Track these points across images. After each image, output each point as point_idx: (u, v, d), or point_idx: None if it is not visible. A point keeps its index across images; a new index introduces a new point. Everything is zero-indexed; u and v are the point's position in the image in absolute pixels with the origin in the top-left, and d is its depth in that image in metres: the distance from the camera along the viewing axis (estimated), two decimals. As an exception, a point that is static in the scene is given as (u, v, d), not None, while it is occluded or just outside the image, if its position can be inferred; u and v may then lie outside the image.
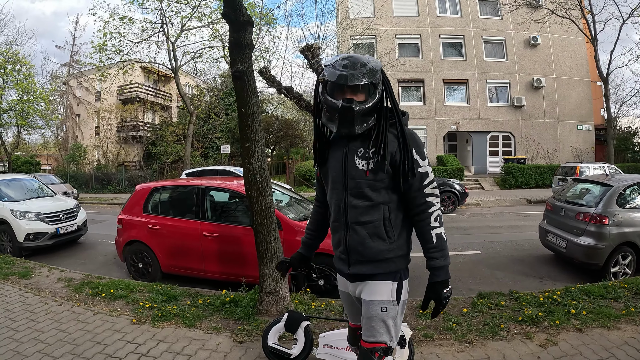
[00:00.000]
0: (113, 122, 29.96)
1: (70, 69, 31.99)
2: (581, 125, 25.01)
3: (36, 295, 5.05)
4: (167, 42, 18.33)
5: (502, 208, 14.46)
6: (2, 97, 21.21)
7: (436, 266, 1.90)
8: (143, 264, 6.12)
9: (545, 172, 20.22)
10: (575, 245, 5.76)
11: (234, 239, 5.44)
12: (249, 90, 3.91)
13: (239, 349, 3.50)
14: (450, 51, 24.87)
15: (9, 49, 21.22)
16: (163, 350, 3.50)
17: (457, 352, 3.33)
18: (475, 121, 24.38)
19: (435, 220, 1.90)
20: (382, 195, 1.92)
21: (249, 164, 3.96)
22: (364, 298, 2.00)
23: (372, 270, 1.96)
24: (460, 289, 5.55)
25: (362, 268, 1.98)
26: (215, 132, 27.51)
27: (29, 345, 3.65)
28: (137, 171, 27.33)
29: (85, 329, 3.99)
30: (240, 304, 4.35)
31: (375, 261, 1.95)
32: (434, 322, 3.88)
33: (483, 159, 24.76)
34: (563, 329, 3.62)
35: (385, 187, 1.92)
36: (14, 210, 8.14)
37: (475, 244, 8.29)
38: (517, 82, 24.45)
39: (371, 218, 1.93)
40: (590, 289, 4.51)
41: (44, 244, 8.18)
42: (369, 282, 1.99)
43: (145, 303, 4.54)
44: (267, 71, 12.12)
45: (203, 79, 24.80)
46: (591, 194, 6.23)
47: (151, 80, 32.11)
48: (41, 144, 36.90)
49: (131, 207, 6.36)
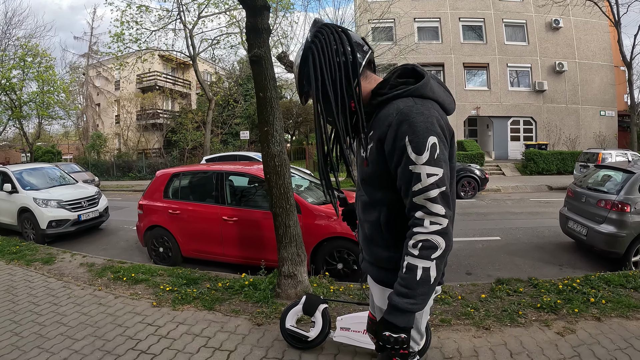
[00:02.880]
0: (133, 110, 30.38)
1: (89, 59, 32.44)
2: (604, 111, 24.29)
3: (59, 280, 5.19)
4: (184, 29, 18.39)
5: (523, 194, 14.22)
6: (23, 89, 21.61)
7: (390, 299, 1.39)
8: (164, 249, 6.24)
9: (566, 159, 19.76)
10: (596, 233, 5.63)
11: (253, 223, 5.49)
12: (266, 75, 3.92)
13: (257, 331, 3.55)
14: (471, 35, 24.35)
15: (28, 42, 21.50)
16: (182, 332, 3.58)
17: (474, 337, 3.31)
18: (496, 106, 23.93)
19: (414, 246, 1.35)
20: (378, 192, 1.52)
21: (267, 147, 3.98)
22: (375, 303, 1.72)
23: (377, 275, 1.64)
24: (479, 275, 5.55)
25: (367, 268, 1.70)
26: (234, 118, 27.63)
27: (51, 328, 3.76)
28: (157, 158, 27.74)
29: (106, 312, 4.10)
30: (259, 287, 4.41)
31: (378, 267, 1.62)
32: (452, 307, 3.87)
33: (504, 145, 24.34)
34: (581, 318, 3.56)
35: (382, 183, 1.49)
36: (37, 198, 8.35)
37: (495, 230, 8.20)
38: (539, 66, 23.83)
39: (370, 217, 1.59)
40: (610, 278, 4.42)
41: (67, 231, 8.38)
42: (377, 286, 1.66)
43: (165, 286, 4.64)
44: (285, 56, 12.15)
45: (221, 65, 24.84)
46: (613, 181, 6.06)
47: (170, 68, 32.31)
48: (62, 134, 37.60)
49: (152, 193, 6.46)
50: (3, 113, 22.12)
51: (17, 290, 4.82)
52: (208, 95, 20.42)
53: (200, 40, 19.69)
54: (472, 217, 9.79)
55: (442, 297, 4.09)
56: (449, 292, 4.23)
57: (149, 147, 30.40)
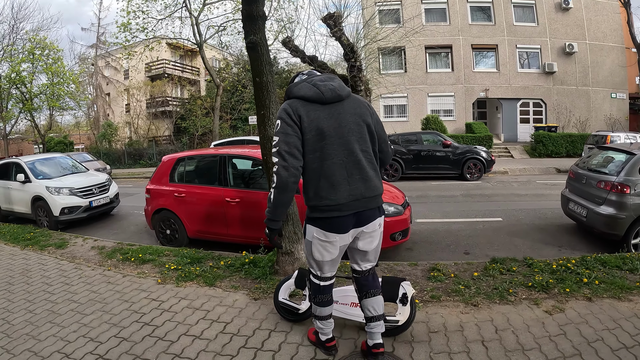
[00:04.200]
0: (142, 98, 30.67)
1: (97, 49, 32.77)
2: (615, 94, 23.87)
3: (71, 262, 5.42)
4: (190, 17, 18.42)
5: (530, 176, 14.19)
6: (33, 82, 21.91)
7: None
8: (171, 231, 6.44)
9: (576, 141, 19.51)
10: (596, 215, 5.59)
11: (255, 203, 5.64)
12: (262, 60, 4.03)
13: (254, 305, 3.72)
14: (479, 16, 23.99)
15: (36, 35, 21.75)
16: (184, 306, 3.77)
17: (462, 313, 3.37)
18: (505, 88, 23.67)
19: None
20: None
21: (264, 130, 4.12)
22: None
23: None
24: (477, 255, 5.57)
25: None
26: (243, 103, 27.70)
27: (63, 305, 3.99)
28: (167, 145, 28.09)
29: (114, 289, 4.31)
30: (259, 264, 4.59)
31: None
32: (443, 284, 3.96)
33: (513, 127, 24.12)
34: (572, 297, 3.55)
35: None
36: (49, 186, 8.61)
37: (498, 211, 8.24)
38: (549, 47, 23.43)
39: None
40: (607, 259, 4.38)
41: (79, 217, 8.65)
42: None
43: (170, 265, 4.85)
44: (290, 41, 12.17)
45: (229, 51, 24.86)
46: (615, 162, 5.97)
47: (178, 55, 32.42)
48: (73, 124, 38.04)
49: (158, 178, 6.65)
50: (14, 106, 22.51)
51: (32, 273, 5.06)
52: (216, 82, 20.51)
53: (207, 27, 19.73)
54: (476, 198, 9.84)
55: (435, 274, 4.17)
56: (442, 270, 4.30)
57: (159, 135, 30.72)
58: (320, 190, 2.37)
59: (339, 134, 2.38)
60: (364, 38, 13.70)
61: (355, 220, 2.44)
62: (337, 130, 2.38)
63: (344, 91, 2.48)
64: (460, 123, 23.49)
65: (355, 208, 2.40)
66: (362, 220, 2.46)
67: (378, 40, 13.90)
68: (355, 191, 2.38)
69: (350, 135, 2.40)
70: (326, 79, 2.46)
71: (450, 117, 23.88)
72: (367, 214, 2.47)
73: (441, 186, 12.23)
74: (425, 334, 3.08)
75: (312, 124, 2.34)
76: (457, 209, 8.75)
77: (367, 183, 2.42)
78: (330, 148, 2.35)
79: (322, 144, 2.35)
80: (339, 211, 2.37)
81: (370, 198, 2.44)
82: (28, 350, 3.14)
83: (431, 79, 24.04)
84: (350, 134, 2.41)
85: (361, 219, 2.46)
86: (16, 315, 3.82)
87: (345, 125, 2.40)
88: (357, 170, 2.40)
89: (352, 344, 2.99)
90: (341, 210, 2.37)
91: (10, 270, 5.25)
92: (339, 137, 2.37)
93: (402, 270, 4.44)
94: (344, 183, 2.37)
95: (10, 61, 20.98)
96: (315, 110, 2.37)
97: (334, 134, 2.36)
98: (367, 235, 2.54)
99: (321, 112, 2.37)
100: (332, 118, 2.38)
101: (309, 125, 2.33)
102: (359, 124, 2.46)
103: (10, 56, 21.18)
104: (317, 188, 2.38)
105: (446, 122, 21.87)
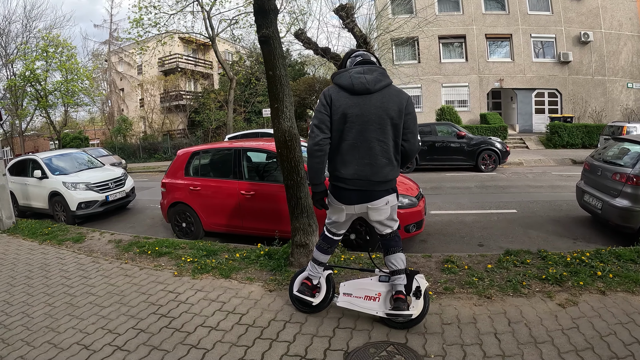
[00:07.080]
0: (156, 93, 30.92)
1: (111, 45, 32.99)
2: (631, 84, 23.25)
3: (88, 256, 5.54)
4: (202, 11, 18.47)
5: (545, 168, 14.00)
6: (47, 79, 22.12)
7: None
8: (186, 224, 6.53)
9: (592, 132, 19.12)
10: (611, 207, 5.50)
11: (269, 196, 5.69)
12: (275, 54, 4.04)
13: (269, 297, 3.79)
14: (493, 4, 23.57)
15: (49, 33, 21.98)
16: (200, 298, 3.85)
17: (475, 305, 3.38)
18: (520, 78, 23.29)
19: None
20: None
21: (278, 123, 4.13)
22: None
23: None
24: (491, 246, 5.56)
25: None
26: (256, 96, 27.76)
27: (81, 298, 4.10)
28: (182, 139, 28.22)
29: (132, 282, 4.41)
30: (274, 256, 4.64)
31: None
32: (457, 276, 3.97)
33: (528, 118, 23.74)
34: (586, 291, 3.51)
35: None
36: (66, 182, 8.76)
37: (512, 202, 8.19)
38: (564, 36, 22.93)
39: None
40: (622, 253, 4.31)
41: (95, 211, 8.80)
42: None
43: (186, 258, 4.93)
44: (302, 33, 12.12)
45: (242, 44, 24.87)
46: (630, 154, 5.85)
47: (190, 49, 32.56)
48: (88, 120, 38.29)
49: (174, 171, 6.73)
50: (30, 104, 22.81)
51: (50, 267, 5.18)
52: (229, 75, 20.57)
53: (219, 20, 19.77)
54: (490, 190, 9.78)
55: (448, 266, 4.18)
56: (456, 262, 4.30)
57: (173, 129, 30.98)
58: (335, 163, 2.90)
59: (359, 121, 2.80)
60: (376, 29, 13.61)
61: (360, 196, 2.90)
62: (359, 118, 2.79)
63: (376, 85, 2.81)
64: (474, 114, 23.24)
65: (360, 186, 2.86)
66: (367, 197, 2.90)
67: (391, 31, 13.80)
68: (361, 172, 2.83)
69: (369, 125, 2.79)
70: (364, 71, 2.84)
71: (465, 107, 23.64)
72: (372, 193, 2.89)
73: (455, 177, 12.17)
74: (438, 325, 3.10)
75: (340, 109, 2.80)
76: (472, 200, 8.71)
77: (375, 169, 2.82)
78: (348, 131, 2.82)
79: (343, 126, 2.83)
80: (344, 184, 2.88)
81: (375, 182, 2.85)
82: (48, 342, 3.23)
83: (445, 70, 23.78)
84: (369, 124, 2.79)
85: (366, 196, 2.90)
86: (35, 308, 3.93)
87: (366, 115, 2.79)
88: (367, 156, 2.82)
89: (366, 335, 3.02)
90: (346, 184, 2.87)
91: (29, 264, 5.37)
92: (358, 124, 2.80)
93: (416, 262, 4.45)
94: (354, 163, 2.83)
95: (24, 59, 21.25)
96: (345, 97, 2.81)
97: (355, 120, 2.80)
98: (374, 209, 2.94)
99: (349, 100, 2.81)
100: (357, 107, 2.80)
101: (336, 109, 2.81)
102: (381, 116, 2.80)
103: (24, 54, 21.44)
104: (334, 161, 2.91)
105: (461, 113, 21.66)
